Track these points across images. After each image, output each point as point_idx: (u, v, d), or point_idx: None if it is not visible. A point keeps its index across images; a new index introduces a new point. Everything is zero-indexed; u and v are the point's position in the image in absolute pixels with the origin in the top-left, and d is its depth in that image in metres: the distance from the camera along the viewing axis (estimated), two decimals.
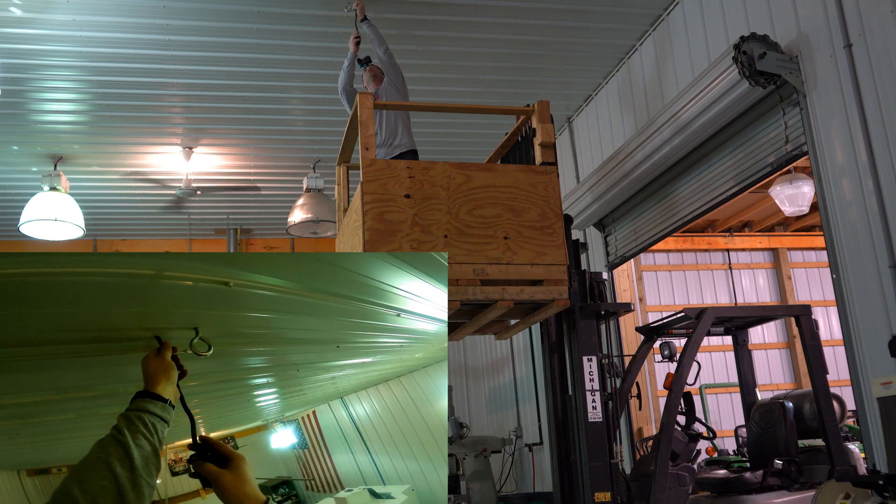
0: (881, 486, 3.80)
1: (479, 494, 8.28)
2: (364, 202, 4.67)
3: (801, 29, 4.77)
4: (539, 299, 4.88)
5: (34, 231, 8.23)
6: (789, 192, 7.47)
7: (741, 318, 5.98)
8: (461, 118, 7.93)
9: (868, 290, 4.26)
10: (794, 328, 8.71)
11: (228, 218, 10.24)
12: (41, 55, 6.31)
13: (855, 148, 4.35)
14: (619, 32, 6.60)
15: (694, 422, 5.53)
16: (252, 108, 7.42)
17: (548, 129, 5.11)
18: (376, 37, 5.76)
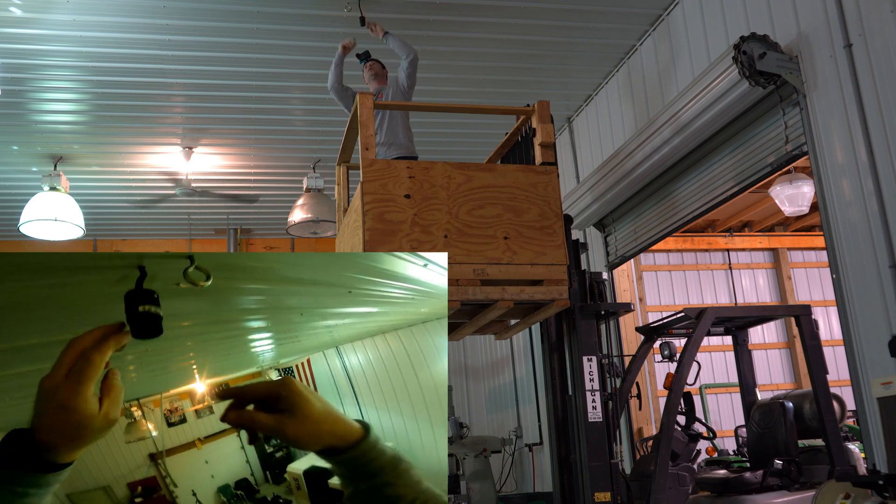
0: (881, 486, 3.80)
1: (479, 494, 8.28)
2: (364, 202, 4.67)
3: (801, 29, 4.77)
4: (539, 299, 4.88)
5: (34, 231, 8.23)
6: (789, 192, 7.47)
7: (741, 318, 5.98)
8: (461, 118, 7.92)
9: (868, 290, 4.26)
10: (794, 328, 8.71)
11: (228, 218, 10.24)
12: (41, 55, 6.31)
13: (855, 148, 4.35)
14: (619, 32, 6.60)
15: (694, 422, 5.52)
16: (252, 108, 7.42)
17: (548, 129, 5.11)
18: (403, 46, 5.72)
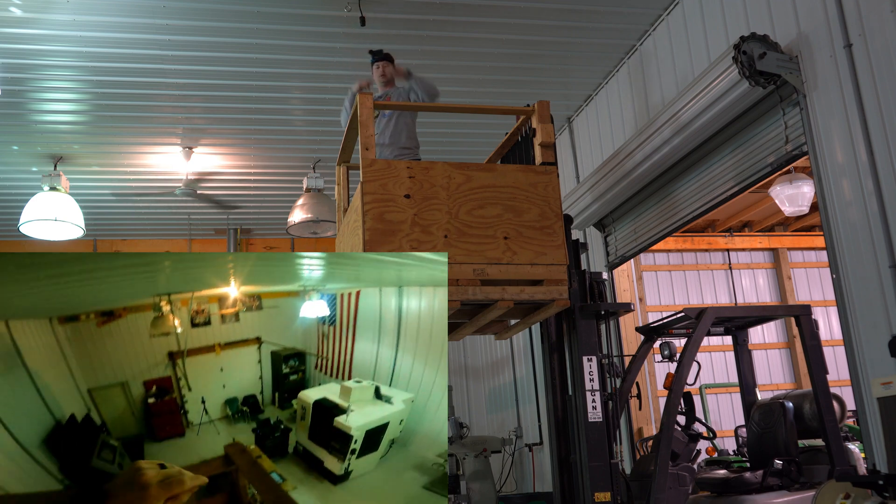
0: (881, 486, 3.80)
1: (479, 494, 8.28)
2: (364, 202, 4.67)
3: (801, 29, 4.77)
4: (539, 299, 4.88)
5: (34, 231, 8.23)
6: (789, 192, 7.47)
7: (741, 318, 5.98)
8: (461, 118, 7.92)
9: (868, 290, 4.26)
10: (794, 328, 8.71)
11: (228, 218, 10.24)
12: (41, 55, 6.31)
13: (855, 148, 4.35)
14: (619, 32, 6.60)
15: (694, 422, 5.52)
16: (252, 108, 7.43)
17: (548, 129, 5.11)
18: (426, 87, 5.73)
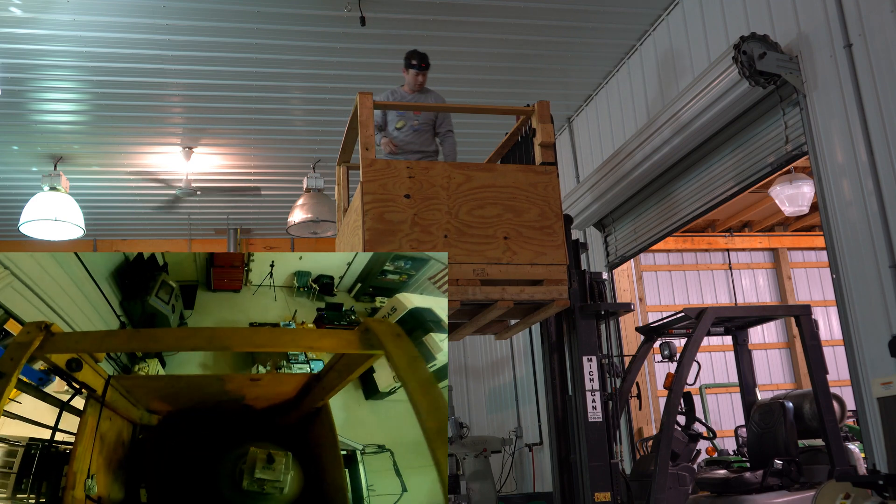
0: (881, 486, 3.80)
1: (479, 494, 8.27)
2: (364, 202, 4.67)
3: (801, 29, 4.77)
4: (539, 299, 4.88)
5: (34, 231, 8.23)
6: (789, 192, 7.47)
7: (741, 318, 5.98)
8: (461, 118, 7.90)
9: (868, 290, 4.26)
10: (794, 328, 8.71)
11: (228, 218, 10.24)
12: (41, 55, 6.31)
13: (855, 148, 4.35)
14: (618, 32, 6.60)
15: (694, 422, 5.52)
16: (252, 108, 7.42)
17: (548, 129, 5.11)
18: (453, 147, 6.04)
